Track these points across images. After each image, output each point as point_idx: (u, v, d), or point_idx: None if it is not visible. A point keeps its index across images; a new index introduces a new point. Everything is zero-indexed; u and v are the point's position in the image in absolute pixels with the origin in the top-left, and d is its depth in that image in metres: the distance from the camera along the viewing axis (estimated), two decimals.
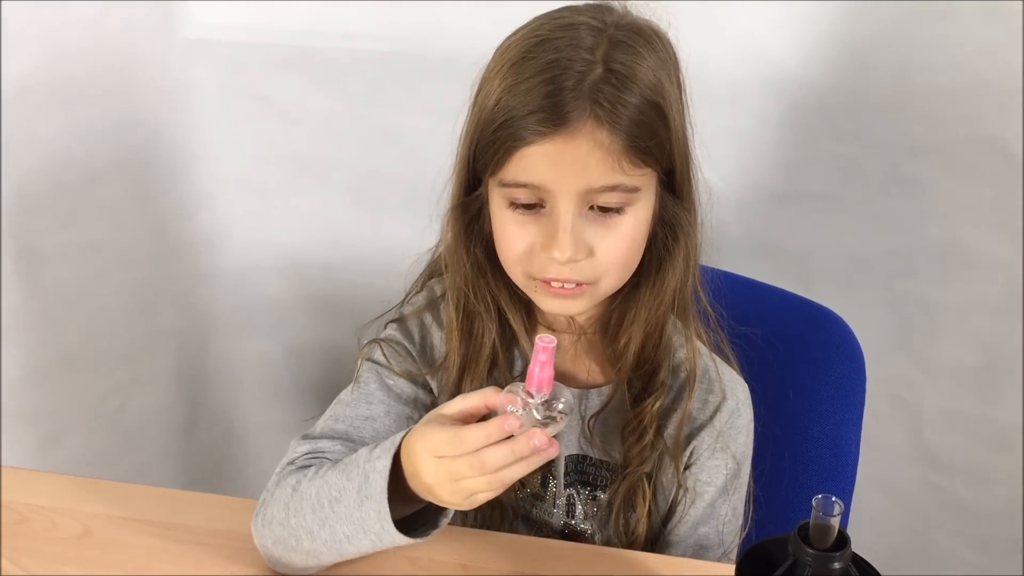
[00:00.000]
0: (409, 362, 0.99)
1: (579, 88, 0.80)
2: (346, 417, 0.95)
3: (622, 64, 0.82)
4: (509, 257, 0.89)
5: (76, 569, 0.91)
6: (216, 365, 1.73)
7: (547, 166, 0.81)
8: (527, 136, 0.81)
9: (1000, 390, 1.43)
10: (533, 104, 0.80)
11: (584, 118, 0.80)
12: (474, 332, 0.95)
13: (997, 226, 1.35)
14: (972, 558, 1.53)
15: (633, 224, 0.86)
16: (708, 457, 0.97)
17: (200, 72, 1.50)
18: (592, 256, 0.85)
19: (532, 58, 0.82)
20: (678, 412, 0.96)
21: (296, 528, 0.85)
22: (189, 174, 1.57)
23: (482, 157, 0.85)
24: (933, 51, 1.29)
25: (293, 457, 0.91)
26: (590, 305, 0.91)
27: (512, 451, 0.73)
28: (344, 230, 1.61)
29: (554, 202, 0.83)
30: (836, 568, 0.66)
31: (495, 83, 0.83)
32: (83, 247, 1.50)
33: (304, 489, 0.85)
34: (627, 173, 0.82)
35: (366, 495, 0.80)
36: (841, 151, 1.38)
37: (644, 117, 0.82)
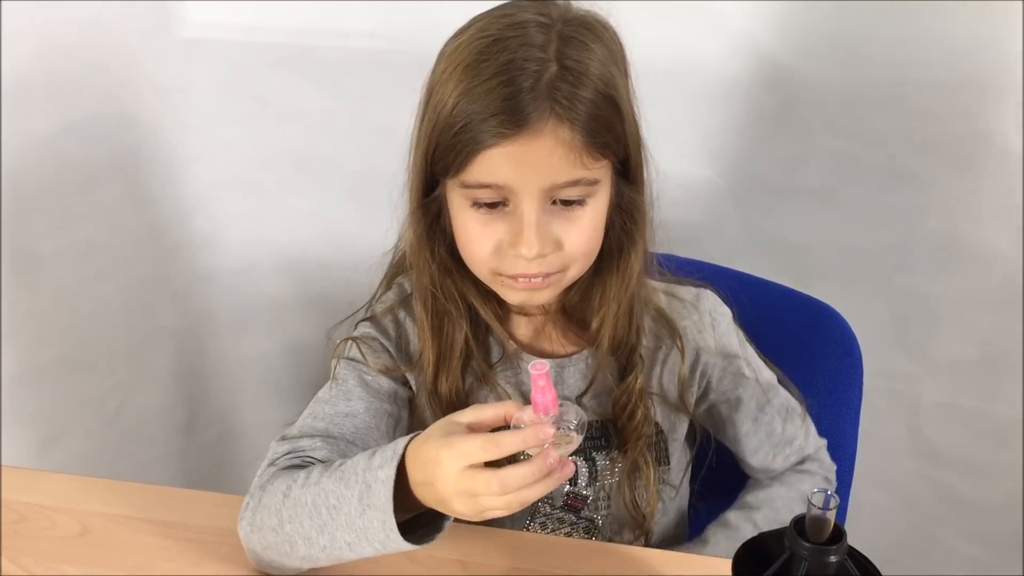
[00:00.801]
0: (386, 358, 1.00)
1: (537, 88, 0.81)
2: (325, 415, 0.95)
3: (575, 60, 0.83)
4: (476, 257, 0.90)
5: (75, 568, 0.91)
6: (214, 364, 1.74)
7: (510, 167, 0.83)
8: (489, 139, 0.82)
9: (998, 384, 1.43)
10: (493, 107, 0.81)
11: (545, 117, 0.81)
12: (444, 330, 0.96)
13: (994, 220, 1.35)
14: (971, 552, 1.53)
15: (594, 214, 0.88)
16: (720, 372, 1.02)
17: (197, 71, 1.50)
18: (560, 249, 0.87)
19: (485, 60, 0.82)
20: (666, 365, 1.00)
21: (292, 534, 0.84)
22: (186, 174, 1.58)
23: (442, 160, 0.86)
24: (930, 46, 1.29)
25: (274, 458, 0.91)
26: (555, 294, 0.93)
27: (531, 471, 0.73)
28: (341, 229, 1.61)
29: (517, 200, 0.85)
30: (832, 562, 0.66)
31: (449, 86, 0.84)
32: (81, 247, 1.50)
33: (297, 495, 0.84)
34: (587, 167, 0.84)
35: (368, 504, 0.79)
36: (838, 146, 1.38)
37: (601, 112, 0.84)
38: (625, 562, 0.92)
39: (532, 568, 0.91)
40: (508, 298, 0.93)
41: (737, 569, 0.72)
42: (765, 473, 1.06)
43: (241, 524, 0.89)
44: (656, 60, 1.36)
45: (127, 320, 1.59)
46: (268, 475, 0.89)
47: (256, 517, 0.87)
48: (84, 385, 1.56)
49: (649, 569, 0.91)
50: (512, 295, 0.92)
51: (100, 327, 1.56)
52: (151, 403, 1.67)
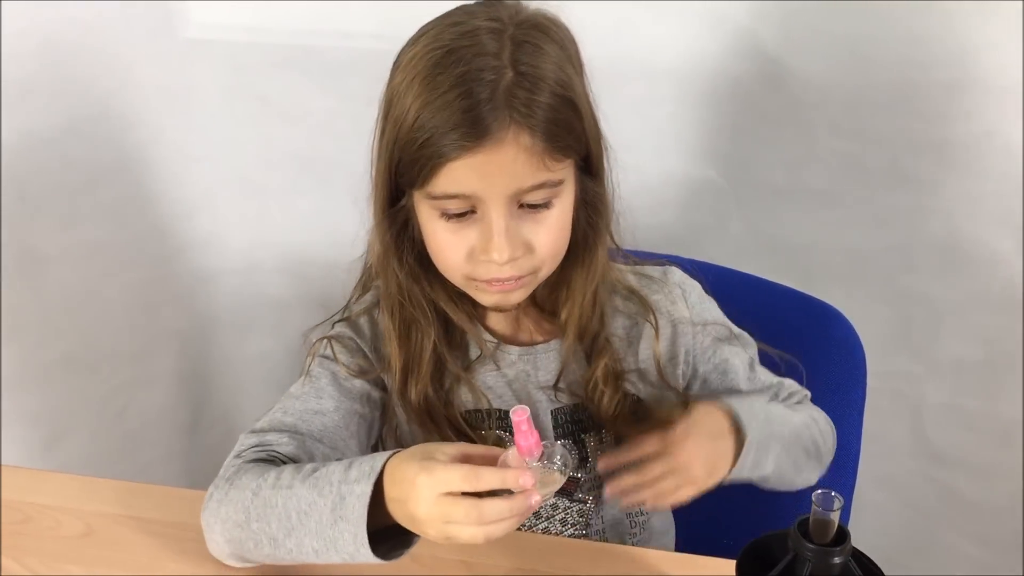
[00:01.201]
0: (361, 359, 1.00)
1: (495, 98, 0.82)
2: (295, 410, 0.95)
3: (529, 65, 0.84)
4: (449, 265, 0.91)
5: (79, 568, 0.91)
6: (218, 365, 1.74)
7: (475, 177, 0.84)
8: (452, 152, 0.82)
9: (1001, 385, 1.43)
10: (453, 120, 0.82)
11: (505, 126, 0.82)
12: (412, 338, 0.96)
13: (997, 221, 1.35)
14: (974, 553, 1.53)
15: (560, 214, 0.89)
16: (702, 340, 1.03)
17: (200, 72, 1.50)
18: (530, 251, 0.89)
19: (441, 72, 0.83)
20: (643, 341, 1.01)
21: (258, 533, 0.84)
22: (190, 174, 1.58)
23: (406, 173, 0.87)
24: (933, 47, 1.29)
25: (240, 450, 0.91)
26: (528, 293, 0.94)
27: (510, 508, 0.74)
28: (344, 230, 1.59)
29: (485, 208, 0.85)
30: (836, 563, 0.66)
31: (408, 99, 0.84)
32: (85, 247, 1.51)
33: (267, 496, 0.84)
34: (551, 170, 0.85)
35: (340, 516, 0.79)
36: (841, 147, 1.38)
37: (559, 114, 0.85)
38: (629, 563, 0.92)
39: (535, 569, 0.91)
40: (482, 301, 0.95)
41: (741, 570, 0.72)
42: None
43: (204, 513, 0.89)
44: (659, 61, 1.38)
45: (131, 320, 1.60)
46: (235, 467, 0.89)
47: (221, 509, 0.87)
48: (88, 385, 1.57)
49: (653, 570, 0.91)
50: (486, 298, 0.94)
51: (104, 327, 1.57)
52: (154, 403, 1.67)
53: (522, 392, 1.01)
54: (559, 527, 1.03)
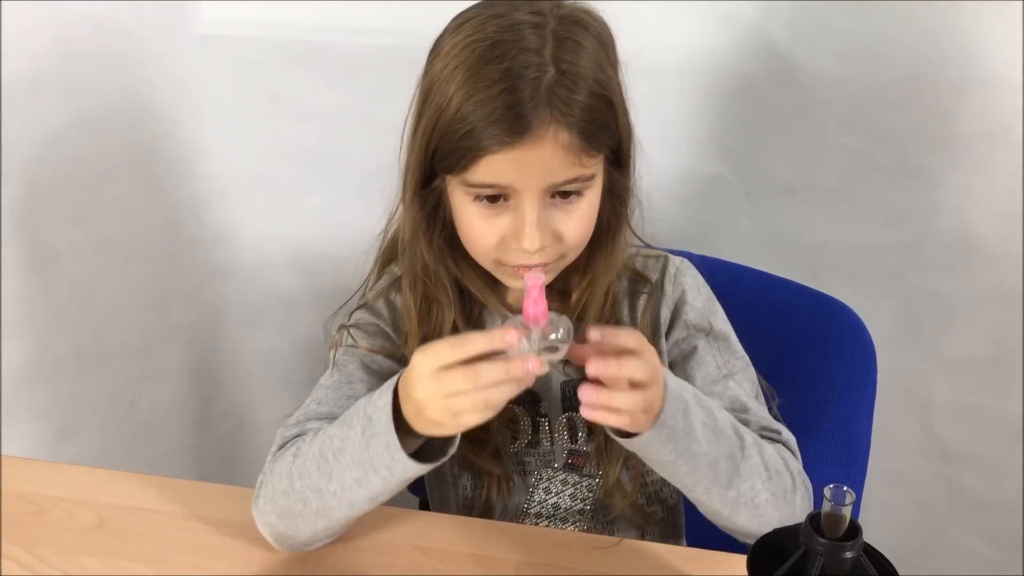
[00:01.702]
0: (382, 339, 1.02)
1: (536, 96, 0.84)
2: (330, 399, 0.97)
3: (570, 63, 0.86)
4: (480, 250, 0.93)
5: (92, 559, 0.91)
6: (228, 359, 1.74)
7: (513, 170, 0.86)
8: (492, 146, 0.85)
9: (1011, 382, 1.43)
10: (496, 115, 0.84)
11: (545, 124, 0.84)
12: (432, 315, 0.99)
13: (1008, 218, 1.35)
14: (981, 550, 1.53)
15: (590, 204, 0.92)
16: (678, 321, 1.02)
17: (210, 68, 1.50)
18: (560, 240, 0.91)
19: (485, 64, 0.85)
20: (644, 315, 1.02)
21: (302, 490, 0.86)
22: (200, 169, 1.58)
23: (444, 160, 0.89)
24: (944, 44, 1.29)
25: (282, 443, 0.93)
26: (553, 277, 0.96)
27: (506, 370, 0.76)
28: (354, 225, 1.59)
29: (519, 198, 0.88)
30: (847, 557, 0.66)
31: (451, 88, 0.86)
32: (95, 242, 1.51)
33: (305, 451, 0.87)
34: (585, 166, 0.88)
35: (371, 435, 0.82)
36: (852, 144, 1.38)
37: (597, 114, 0.87)
38: (639, 558, 0.93)
39: (546, 562, 0.91)
40: (509, 284, 0.97)
41: (752, 565, 0.72)
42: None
43: (255, 504, 0.91)
44: (670, 58, 1.37)
45: (141, 315, 1.60)
46: (278, 455, 0.91)
47: (269, 487, 0.89)
48: (98, 379, 1.57)
49: (664, 566, 0.92)
50: (514, 282, 0.95)
51: (114, 322, 1.57)
52: (165, 397, 1.68)
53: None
54: (568, 502, 1.04)
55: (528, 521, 1.04)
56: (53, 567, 0.90)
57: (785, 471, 0.92)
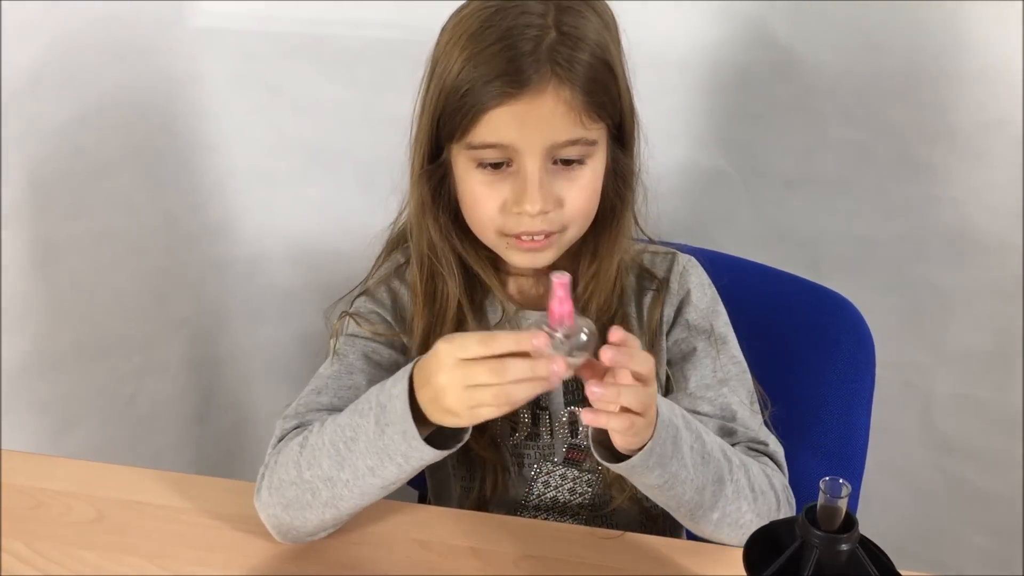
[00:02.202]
0: (383, 327, 1.02)
1: (537, 51, 0.86)
2: (329, 389, 0.97)
3: (572, 26, 0.88)
4: (482, 218, 0.94)
5: (91, 553, 0.92)
6: (228, 353, 1.74)
7: (515, 126, 0.87)
8: (493, 100, 0.86)
9: (1010, 374, 1.42)
10: (497, 69, 0.86)
11: (546, 78, 0.86)
12: (438, 294, 0.99)
13: (1007, 210, 1.34)
14: (982, 543, 1.53)
15: (592, 175, 0.93)
16: (680, 321, 1.03)
17: (209, 61, 1.50)
18: (561, 207, 0.91)
19: (488, 27, 0.87)
20: (650, 312, 1.02)
21: (312, 480, 0.86)
22: (199, 163, 1.58)
23: (448, 124, 0.90)
24: (943, 35, 1.28)
25: (282, 434, 0.93)
26: (556, 256, 0.96)
27: (531, 367, 0.75)
28: (354, 218, 1.60)
29: (521, 160, 0.89)
30: (843, 550, 0.66)
31: (454, 55, 0.88)
32: (95, 236, 1.51)
33: (314, 441, 0.87)
34: (586, 127, 0.89)
35: (386, 423, 0.82)
36: (851, 136, 1.37)
37: (598, 75, 0.88)
38: (636, 551, 0.93)
39: (544, 555, 0.91)
40: (512, 260, 0.97)
41: (748, 557, 0.72)
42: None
43: (259, 495, 0.91)
44: (669, 50, 1.37)
45: (142, 308, 1.60)
46: (280, 447, 0.91)
47: (273, 478, 0.89)
48: (98, 373, 1.57)
49: (661, 558, 0.92)
50: (516, 257, 0.96)
51: (114, 315, 1.57)
52: (165, 391, 1.68)
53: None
54: (567, 496, 1.05)
55: (527, 514, 1.05)
56: (52, 561, 0.90)
57: (770, 491, 0.92)
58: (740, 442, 0.97)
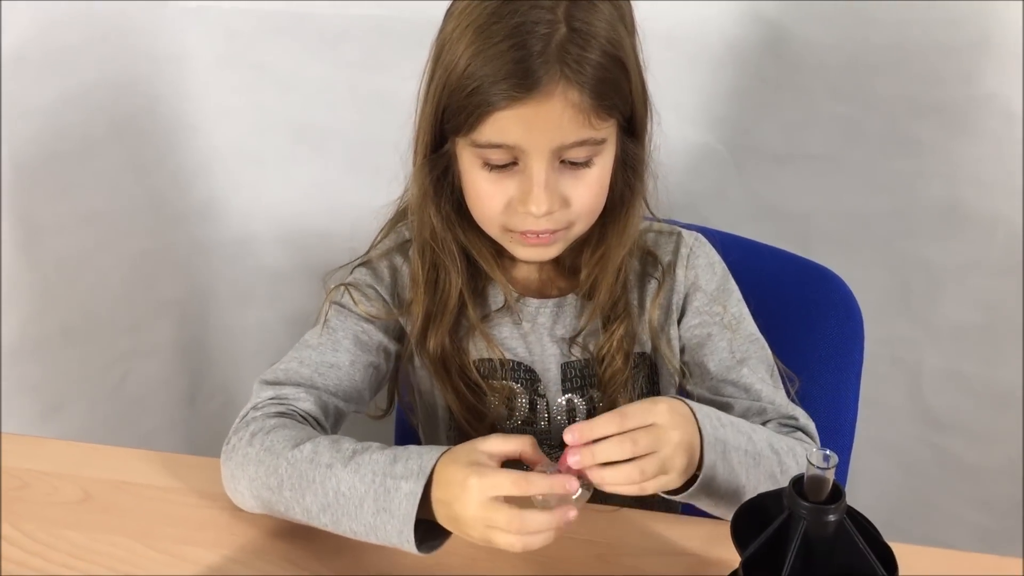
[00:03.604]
0: (379, 304, 1.01)
1: (546, 51, 0.83)
2: (311, 362, 0.96)
3: (582, 21, 0.84)
4: (486, 214, 0.92)
5: (77, 533, 0.91)
6: (216, 335, 1.74)
7: (521, 128, 0.85)
8: (500, 101, 0.83)
9: (1000, 349, 1.43)
10: (504, 70, 0.83)
11: (555, 80, 0.83)
12: (440, 283, 0.98)
13: (997, 185, 1.34)
14: (972, 517, 1.53)
15: (600, 172, 0.91)
16: (691, 308, 1.02)
17: (194, 40, 1.49)
18: (567, 206, 0.90)
19: (496, 22, 0.84)
20: (656, 299, 1.01)
21: (290, 501, 0.85)
22: (185, 143, 1.57)
23: (452, 120, 0.88)
24: (932, 8, 1.28)
25: (257, 402, 0.93)
26: (562, 250, 0.95)
27: (550, 521, 0.75)
28: (341, 198, 1.60)
29: (527, 160, 0.87)
30: (831, 520, 0.66)
31: (460, 47, 0.85)
32: (81, 217, 1.50)
33: (304, 470, 0.84)
34: (595, 128, 0.86)
35: (384, 508, 0.80)
36: (840, 111, 1.37)
37: (608, 74, 0.85)
38: (625, 524, 0.93)
39: None
40: (517, 254, 0.96)
41: (736, 528, 0.72)
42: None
43: (227, 463, 0.91)
44: (658, 24, 1.34)
45: (129, 290, 1.59)
46: (257, 421, 0.90)
47: (250, 467, 0.88)
48: (86, 356, 1.56)
49: (650, 531, 0.92)
50: (522, 251, 0.95)
51: (101, 297, 1.56)
52: (153, 374, 1.67)
53: (536, 345, 1.02)
54: None
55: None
56: (38, 541, 0.90)
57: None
58: (771, 419, 0.96)
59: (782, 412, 0.97)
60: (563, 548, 0.89)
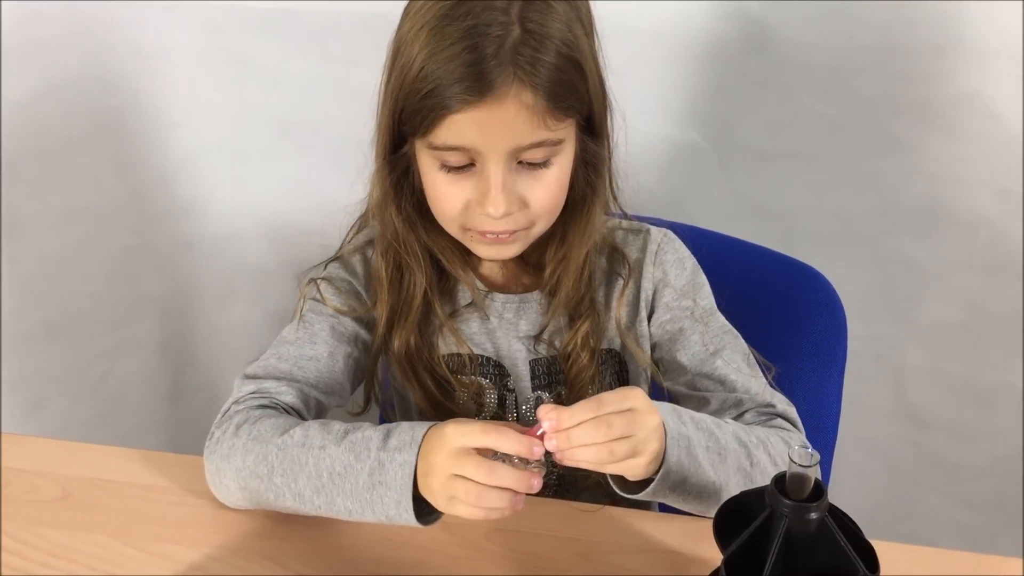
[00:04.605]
0: (353, 298, 1.01)
1: (500, 54, 0.82)
2: (290, 356, 0.96)
3: (536, 23, 0.84)
4: (446, 215, 0.93)
5: (56, 531, 0.90)
6: (199, 332, 1.73)
7: (476, 130, 0.85)
8: (454, 105, 0.83)
9: (982, 347, 1.43)
10: (457, 73, 0.82)
11: (509, 83, 0.83)
12: (404, 283, 0.98)
13: (979, 183, 1.35)
14: (955, 515, 1.54)
15: (559, 172, 0.91)
16: (661, 304, 1.02)
17: (177, 34, 1.48)
18: (526, 207, 0.90)
19: (449, 23, 0.83)
20: (623, 296, 1.01)
21: (281, 487, 0.85)
22: (168, 139, 1.56)
23: (409, 121, 0.88)
24: (915, 7, 1.28)
25: (239, 396, 0.93)
26: (523, 248, 0.96)
27: (516, 478, 0.76)
28: (326, 195, 1.58)
29: (484, 162, 0.87)
30: (813, 518, 0.66)
31: (415, 48, 0.85)
32: (63, 214, 1.49)
33: (296, 454, 0.85)
34: (551, 129, 0.86)
35: (379, 481, 0.81)
36: (824, 109, 1.37)
37: (563, 75, 0.85)
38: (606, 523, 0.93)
39: (514, 528, 0.91)
40: (478, 252, 0.96)
41: (719, 527, 0.72)
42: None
43: (212, 456, 0.90)
44: (643, 22, 1.36)
45: (110, 287, 1.58)
46: (241, 413, 0.90)
47: (236, 457, 0.88)
48: (68, 353, 1.56)
49: (632, 530, 0.91)
50: (482, 250, 0.95)
51: (84, 294, 1.55)
52: (136, 371, 1.66)
53: (503, 340, 1.02)
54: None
55: None
56: (16, 539, 0.89)
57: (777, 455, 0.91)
58: (748, 409, 0.96)
59: (759, 401, 0.96)
60: (546, 546, 0.89)
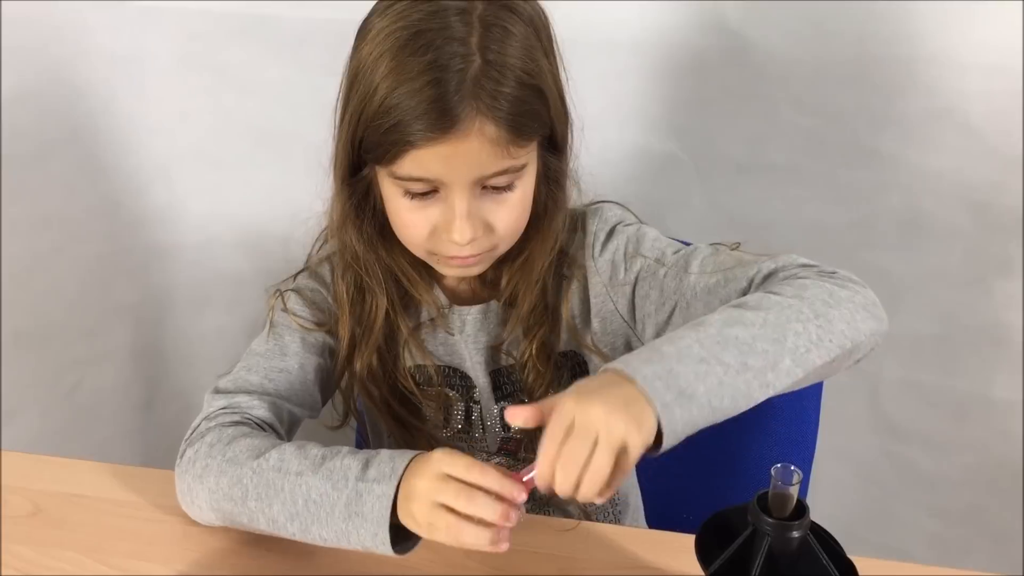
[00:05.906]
0: (320, 310, 1.00)
1: (462, 88, 0.82)
2: (260, 368, 0.95)
3: (496, 52, 0.84)
4: (412, 241, 0.92)
5: (27, 548, 0.89)
6: (174, 341, 1.71)
7: (440, 164, 0.85)
8: (418, 141, 0.83)
9: (958, 360, 1.44)
10: (420, 108, 0.82)
11: (471, 116, 0.83)
12: (366, 305, 0.98)
13: (956, 197, 1.36)
14: (931, 526, 1.55)
15: (522, 194, 0.91)
16: (625, 281, 0.98)
17: (152, 40, 1.46)
18: (491, 231, 0.90)
19: (410, 55, 0.83)
20: (575, 296, 1.00)
21: (255, 511, 0.84)
22: (143, 146, 1.54)
23: (371, 151, 0.87)
24: (893, 22, 1.29)
25: (209, 412, 0.92)
26: (487, 266, 0.95)
27: (496, 510, 0.74)
28: (303, 203, 1.57)
29: (448, 192, 0.87)
30: (795, 536, 0.66)
31: (376, 77, 0.84)
32: (35, 220, 1.47)
33: (271, 478, 0.83)
34: (514, 157, 0.86)
35: (356, 512, 0.80)
36: (802, 122, 1.38)
37: (525, 105, 0.85)
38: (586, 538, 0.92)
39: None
40: (443, 271, 0.96)
41: (701, 544, 0.71)
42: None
43: (183, 476, 0.89)
44: (621, 34, 1.36)
45: (83, 295, 1.56)
46: (214, 432, 0.89)
47: (209, 478, 0.86)
48: (39, 362, 1.54)
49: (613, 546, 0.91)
50: (447, 270, 0.96)
51: (56, 302, 1.53)
52: (109, 380, 1.64)
53: (465, 352, 1.02)
54: None
55: None
56: None
57: (809, 279, 0.84)
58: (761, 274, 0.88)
59: (743, 286, 0.88)
60: (525, 562, 0.88)
